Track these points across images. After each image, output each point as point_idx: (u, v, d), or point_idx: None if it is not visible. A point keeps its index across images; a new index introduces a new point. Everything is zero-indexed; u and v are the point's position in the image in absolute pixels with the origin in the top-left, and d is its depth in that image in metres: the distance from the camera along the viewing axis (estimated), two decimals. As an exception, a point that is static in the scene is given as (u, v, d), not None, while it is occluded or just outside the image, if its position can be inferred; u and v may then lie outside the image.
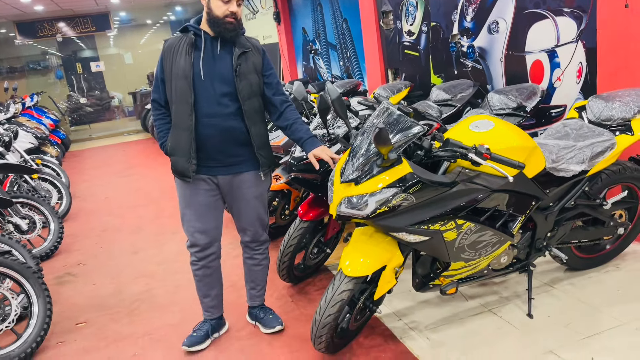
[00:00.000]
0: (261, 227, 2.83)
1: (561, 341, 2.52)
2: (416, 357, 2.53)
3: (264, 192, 2.78)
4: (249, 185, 2.69)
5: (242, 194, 2.69)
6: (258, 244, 2.86)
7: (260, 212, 2.78)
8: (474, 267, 2.56)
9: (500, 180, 2.34)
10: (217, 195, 2.70)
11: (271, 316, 2.96)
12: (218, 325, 2.94)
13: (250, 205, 2.73)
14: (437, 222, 2.27)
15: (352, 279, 2.36)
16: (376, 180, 2.20)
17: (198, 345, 2.81)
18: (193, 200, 2.66)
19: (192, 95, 2.49)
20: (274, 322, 2.91)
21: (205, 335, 2.85)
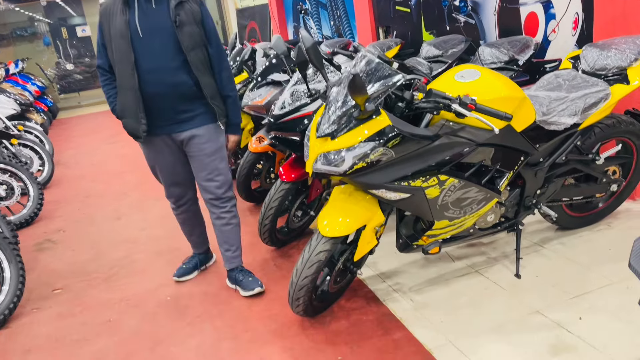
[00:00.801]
0: (223, 184, 2.75)
1: (549, 301, 2.43)
2: (399, 319, 2.44)
3: (222, 145, 2.74)
4: (205, 140, 2.65)
5: (200, 149, 2.66)
6: (222, 201, 2.79)
7: (219, 167, 2.72)
8: (458, 226, 2.45)
9: (486, 133, 2.20)
10: (180, 151, 2.74)
11: (250, 279, 2.87)
12: (206, 259, 3.21)
13: (208, 161, 2.68)
14: (418, 178, 2.14)
15: (330, 239, 2.24)
16: (353, 134, 2.06)
17: (187, 275, 3.11)
18: (158, 159, 2.76)
19: (132, 53, 2.45)
20: (253, 284, 2.83)
21: (194, 267, 3.14)
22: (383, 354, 2.23)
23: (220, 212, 2.80)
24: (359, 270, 2.48)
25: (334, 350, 2.29)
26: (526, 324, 2.29)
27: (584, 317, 2.29)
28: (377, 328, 2.40)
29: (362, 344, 2.31)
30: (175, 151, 2.71)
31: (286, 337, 2.42)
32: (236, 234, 2.88)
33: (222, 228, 2.83)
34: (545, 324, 2.28)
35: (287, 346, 2.36)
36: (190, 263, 3.15)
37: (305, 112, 2.89)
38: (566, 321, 2.28)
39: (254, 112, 3.82)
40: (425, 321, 2.41)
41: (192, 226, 3.05)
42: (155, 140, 2.66)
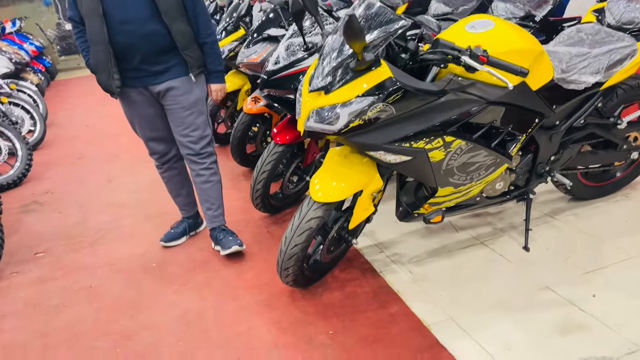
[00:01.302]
0: (200, 138, 2.60)
1: (559, 276, 2.24)
2: (396, 292, 2.27)
3: (200, 99, 2.57)
4: (181, 92, 2.49)
5: (176, 102, 2.50)
6: (200, 157, 2.64)
7: (196, 121, 2.56)
8: (464, 193, 2.24)
9: (498, 90, 1.97)
10: (158, 104, 2.57)
11: (230, 237, 2.75)
12: (195, 224, 3.05)
13: (184, 115, 2.53)
14: (421, 139, 1.93)
15: (323, 205, 2.05)
16: (349, 88, 1.84)
17: (174, 241, 2.95)
18: (135, 112, 2.60)
19: (100, 4, 2.27)
20: (232, 242, 2.71)
21: (182, 232, 2.98)
22: (377, 328, 2.06)
23: (199, 168, 2.66)
24: (355, 239, 2.29)
25: (325, 324, 2.12)
26: (534, 300, 2.12)
27: (598, 294, 2.10)
28: (372, 301, 2.23)
29: (356, 317, 2.14)
30: (153, 104, 2.55)
31: (275, 308, 2.26)
32: (217, 192, 2.75)
33: (202, 186, 2.70)
34: (555, 300, 2.10)
35: (276, 318, 2.19)
36: (179, 228, 2.99)
37: (302, 67, 2.66)
38: (578, 298, 2.09)
39: (250, 71, 3.59)
40: (424, 295, 2.23)
41: (177, 186, 2.90)
42: (131, 93, 2.50)
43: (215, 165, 2.71)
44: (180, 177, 2.87)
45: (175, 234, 2.97)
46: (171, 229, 3.01)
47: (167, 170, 2.82)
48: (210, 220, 2.78)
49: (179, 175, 2.86)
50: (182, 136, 2.57)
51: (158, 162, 2.79)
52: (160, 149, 2.72)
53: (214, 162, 2.71)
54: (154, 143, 2.70)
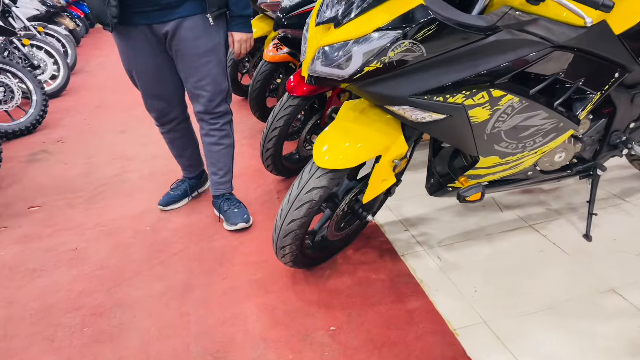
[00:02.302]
0: (217, 93, 2.15)
1: (630, 276, 1.76)
2: (418, 282, 1.86)
3: (219, 44, 2.07)
4: (196, 34, 1.99)
5: (188, 46, 2.01)
6: (214, 116, 2.21)
7: (214, 71, 2.09)
8: (513, 165, 1.77)
9: (569, 30, 1.46)
10: (164, 52, 2.08)
11: (236, 210, 2.37)
12: (198, 184, 2.69)
13: (200, 62, 2.05)
14: (460, 92, 1.46)
15: (328, 172, 1.63)
16: (365, 19, 1.39)
17: (174, 204, 2.60)
18: (136, 58, 2.08)
19: None
20: (237, 217, 2.33)
21: (183, 193, 2.63)
22: (389, 328, 1.66)
23: (210, 128, 2.25)
24: (371, 215, 1.87)
25: (326, 316, 1.74)
26: (595, 306, 1.66)
27: (681, 305, 1.62)
28: (388, 292, 1.83)
29: (365, 311, 1.74)
30: (158, 50, 2.06)
31: (270, 292, 1.89)
32: (227, 157, 2.35)
33: (211, 147, 2.30)
34: (623, 308, 1.63)
35: (269, 304, 1.83)
36: (179, 189, 2.63)
37: (322, 2, 2.19)
38: (654, 309, 1.62)
39: (271, 12, 3.13)
40: (453, 289, 1.81)
41: (182, 147, 2.50)
42: (131, 32, 2.01)
43: (229, 126, 2.29)
44: (184, 140, 2.47)
45: (175, 195, 2.61)
46: (171, 189, 2.65)
47: (167, 132, 2.42)
48: (214, 186, 2.41)
49: (182, 138, 2.46)
50: (195, 89, 2.13)
51: (158, 122, 2.37)
52: (162, 108, 2.28)
53: (228, 122, 2.28)
54: (155, 100, 2.25)
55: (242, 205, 2.40)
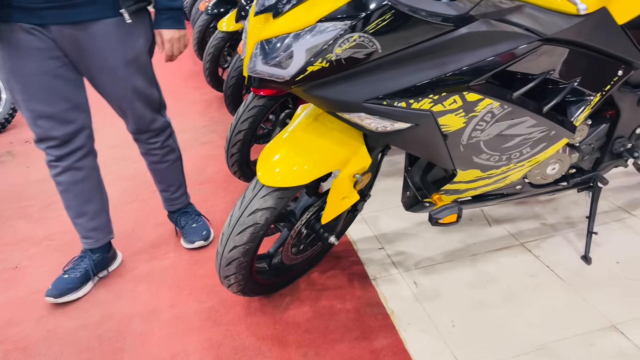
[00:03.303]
0: (147, 108, 1.77)
1: (633, 309, 1.51)
2: (388, 313, 1.60)
3: (141, 49, 1.65)
4: (111, 42, 1.56)
5: (100, 56, 1.57)
6: (150, 135, 1.85)
7: (138, 83, 1.68)
8: (498, 179, 1.51)
9: (561, 19, 1.20)
10: (60, 57, 1.56)
11: (195, 225, 2.09)
12: (103, 260, 1.92)
13: (119, 75, 1.62)
14: (426, 96, 1.20)
15: (275, 191, 1.38)
16: (307, 8, 1.13)
17: (70, 293, 1.82)
18: (20, 67, 1.52)
19: None
20: (196, 234, 2.06)
21: (83, 276, 1.86)
22: (350, 373, 1.42)
23: (149, 148, 1.89)
24: (334, 237, 1.61)
25: (279, 356, 1.49)
26: (593, 347, 1.40)
27: (696, 349, 1.36)
28: (353, 325, 1.58)
29: (324, 350, 1.50)
30: (51, 58, 1.54)
31: (219, 324, 1.64)
32: (175, 172, 2.02)
33: (155, 166, 1.97)
34: (624, 350, 1.37)
35: (216, 340, 1.58)
36: (77, 270, 1.87)
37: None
38: (663, 352, 1.36)
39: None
40: (428, 323, 1.55)
41: (84, 197, 1.80)
42: (16, 32, 1.48)
43: (171, 141, 1.93)
44: (87, 185, 1.78)
45: (70, 281, 1.83)
46: (64, 272, 1.87)
47: (64, 172, 1.72)
48: (167, 202, 2.10)
49: (85, 182, 1.77)
50: (123, 105, 1.72)
51: (52, 156, 1.69)
52: (59, 134, 1.64)
53: (169, 136, 1.91)
54: (45, 122, 1.60)
55: (202, 219, 2.13)
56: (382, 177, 2.44)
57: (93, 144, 1.78)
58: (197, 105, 3.89)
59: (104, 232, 1.90)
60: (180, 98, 4.13)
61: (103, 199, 1.88)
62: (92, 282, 1.89)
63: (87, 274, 1.87)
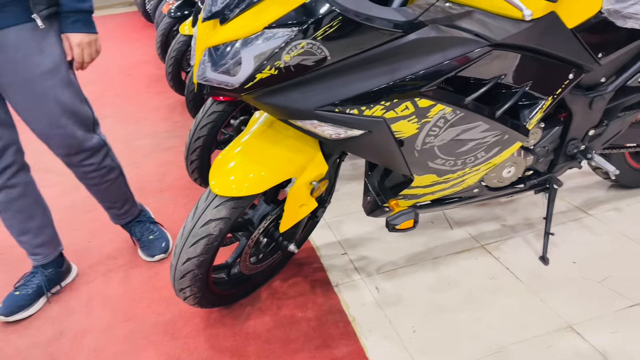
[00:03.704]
0: (76, 126, 1.60)
1: (591, 310, 1.53)
2: (350, 321, 1.59)
3: (60, 58, 1.52)
4: (22, 51, 1.44)
5: (14, 70, 1.45)
6: (83, 156, 1.68)
7: (63, 96, 1.54)
8: (455, 183, 1.51)
9: (511, 25, 1.21)
10: None
11: (152, 237, 2.01)
12: (57, 275, 1.84)
13: (38, 90, 1.49)
14: (378, 103, 1.19)
15: (228, 200, 1.35)
16: (254, 14, 1.10)
17: (21, 311, 1.74)
18: None
19: None
20: (155, 247, 1.99)
21: (35, 293, 1.78)
22: (310, 384, 1.40)
23: (85, 171, 1.72)
24: (294, 246, 1.59)
25: (238, 369, 1.46)
26: (550, 349, 1.41)
27: (649, 347, 1.38)
28: (314, 334, 1.55)
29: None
30: None
31: (177, 337, 1.60)
32: (118, 188, 1.87)
33: (94, 188, 1.82)
34: (581, 352, 1.39)
35: (173, 354, 1.54)
36: (29, 286, 1.79)
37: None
38: (618, 350, 1.38)
39: None
40: (389, 329, 1.54)
41: (25, 214, 1.71)
42: None
43: (109, 160, 1.77)
44: (25, 202, 1.69)
45: (21, 298, 1.75)
46: (15, 288, 1.79)
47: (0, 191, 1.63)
48: (116, 218, 1.99)
49: (23, 199, 1.67)
50: (46, 126, 1.55)
51: None
52: None
53: (105, 155, 1.74)
54: None
55: (159, 228, 2.07)
56: (346, 182, 2.43)
57: (23, 158, 1.65)
58: (159, 111, 3.82)
59: (52, 246, 1.82)
60: (142, 103, 4.04)
61: (45, 212, 1.78)
62: (45, 297, 1.82)
63: (40, 290, 1.80)
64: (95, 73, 5.30)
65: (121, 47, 6.49)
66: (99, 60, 5.86)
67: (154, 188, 2.59)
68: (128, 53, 6.03)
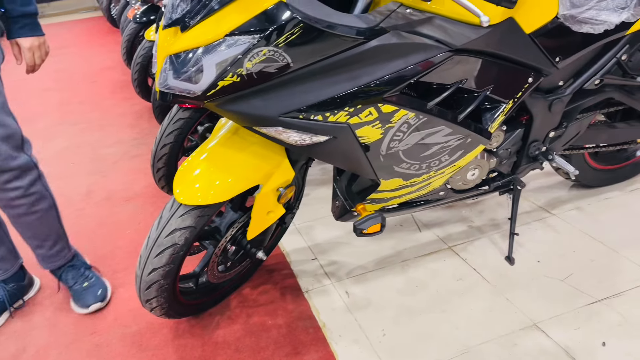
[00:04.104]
0: (2, 141, 1.45)
1: (555, 307, 1.56)
2: (320, 326, 1.59)
3: None
4: None
5: None
6: (9, 176, 1.49)
7: None
8: (420, 187, 1.53)
9: (470, 30, 1.23)
10: None
11: (86, 284, 1.77)
12: (19, 289, 1.78)
13: None
14: (341, 109, 1.19)
15: (194, 209, 1.33)
16: (215, 21, 1.10)
17: None
18: None
19: None
20: (89, 296, 1.75)
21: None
22: (280, 392, 1.39)
23: (10, 197, 1.53)
24: (263, 253, 1.58)
25: (208, 379, 1.45)
26: (516, 347, 1.43)
27: (609, 340, 1.42)
28: (284, 341, 1.55)
29: (254, 370, 1.46)
30: None
31: (145, 350, 1.57)
32: (49, 223, 1.67)
33: (20, 220, 1.61)
34: (545, 349, 1.42)
35: (141, 366, 1.51)
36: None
37: None
38: (581, 346, 1.42)
39: None
40: (359, 333, 1.55)
41: None
42: None
43: (39, 185, 1.59)
44: None
45: None
46: None
47: None
48: (45, 261, 1.74)
49: None
50: None
51: None
52: None
53: (36, 179, 1.57)
54: None
55: (95, 274, 1.82)
56: (315, 186, 2.43)
57: None
58: (126, 118, 3.75)
59: (10, 260, 1.75)
60: (108, 110, 3.97)
61: (2, 229, 1.71)
62: (8, 312, 1.76)
63: (2, 305, 1.74)
64: (59, 80, 5.18)
65: (86, 52, 6.37)
66: (62, 67, 5.73)
67: (121, 197, 2.54)
68: (93, 59, 5.93)
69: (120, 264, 1.99)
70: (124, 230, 2.23)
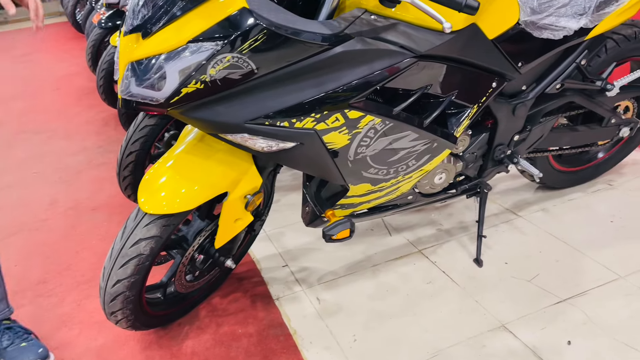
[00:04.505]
0: None
1: (522, 308, 1.58)
2: (291, 334, 1.57)
3: None
4: None
5: None
6: None
7: None
8: (389, 192, 1.53)
9: (434, 36, 1.24)
10: None
11: (25, 344, 1.54)
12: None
13: None
14: (308, 115, 1.19)
15: (159, 218, 1.30)
16: (177, 28, 1.08)
17: None
18: None
19: None
20: (29, 352, 1.51)
21: None
22: (251, 402, 1.37)
23: None
24: (231, 261, 1.56)
25: (177, 392, 1.42)
26: (485, 349, 1.45)
27: (575, 339, 1.45)
28: (254, 350, 1.53)
29: (224, 380, 1.44)
30: None
31: (112, 363, 1.53)
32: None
33: None
34: (513, 349, 1.44)
35: (107, 381, 1.47)
36: None
37: None
38: (546, 345, 1.44)
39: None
40: (330, 339, 1.54)
41: None
42: None
43: None
44: None
45: None
46: None
47: None
48: None
49: None
50: None
51: None
52: None
53: None
54: None
55: (30, 334, 1.58)
56: (286, 192, 2.42)
57: None
58: (92, 125, 3.67)
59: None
60: (73, 117, 3.88)
61: None
62: None
63: None
64: (22, 87, 5.05)
65: (50, 58, 6.23)
66: (26, 74, 5.59)
67: (87, 206, 2.48)
68: (57, 65, 5.79)
69: (84, 276, 1.94)
70: (89, 240, 2.18)
